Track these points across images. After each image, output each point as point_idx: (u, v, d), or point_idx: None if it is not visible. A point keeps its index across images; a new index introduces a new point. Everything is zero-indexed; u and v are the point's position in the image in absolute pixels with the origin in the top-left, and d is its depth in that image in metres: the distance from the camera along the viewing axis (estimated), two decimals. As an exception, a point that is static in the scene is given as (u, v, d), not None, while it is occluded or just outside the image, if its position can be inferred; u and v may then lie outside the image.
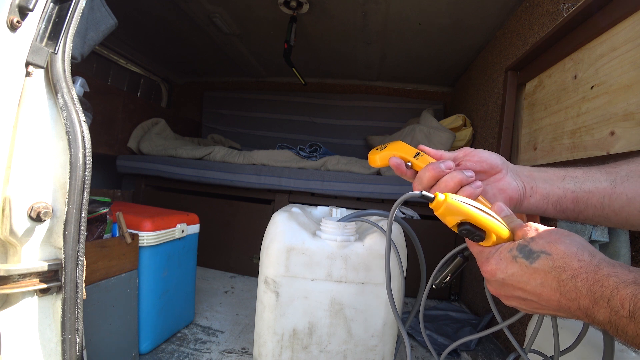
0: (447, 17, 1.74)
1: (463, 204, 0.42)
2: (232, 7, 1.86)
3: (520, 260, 0.38)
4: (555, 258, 0.36)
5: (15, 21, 0.50)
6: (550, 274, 0.36)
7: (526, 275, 0.38)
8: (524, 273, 0.38)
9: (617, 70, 0.91)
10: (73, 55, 0.61)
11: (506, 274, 0.39)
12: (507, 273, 0.39)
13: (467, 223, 0.42)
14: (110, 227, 0.98)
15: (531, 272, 0.37)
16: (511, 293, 0.40)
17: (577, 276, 0.35)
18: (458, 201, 0.42)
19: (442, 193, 0.43)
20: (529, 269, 0.38)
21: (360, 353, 0.80)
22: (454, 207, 0.42)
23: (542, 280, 0.37)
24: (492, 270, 0.41)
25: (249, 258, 2.07)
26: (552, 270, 0.36)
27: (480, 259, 0.43)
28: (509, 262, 0.39)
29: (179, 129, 2.85)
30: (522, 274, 0.38)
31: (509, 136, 1.49)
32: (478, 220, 0.41)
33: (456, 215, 0.42)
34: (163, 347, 1.19)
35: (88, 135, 0.58)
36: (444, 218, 0.43)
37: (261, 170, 2.00)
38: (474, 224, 0.42)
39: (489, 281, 0.42)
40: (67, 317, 0.57)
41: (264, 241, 0.83)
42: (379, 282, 0.78)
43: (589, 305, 0.34)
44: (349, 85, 3.00)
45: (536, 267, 0.37)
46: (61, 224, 0.57)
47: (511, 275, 0.39)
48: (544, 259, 0.37)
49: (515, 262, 0.39)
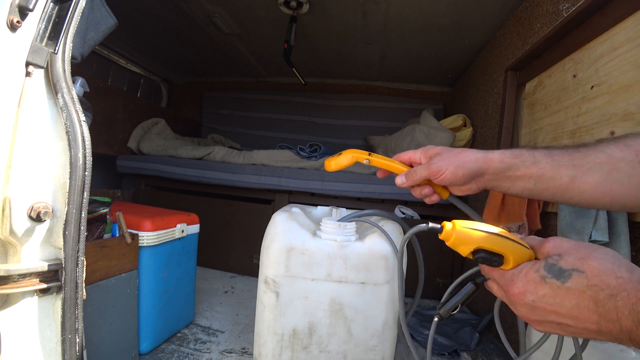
0: (447, 17, 1.74)
1: (474, 230, 0.40)
2: (232, 7, 1.86)
3: (550, 281, 0.35)
4: (589, 276, 0.33)
5: (15, 21, 0.50)
6: (586, 293, 0.33)
7: (559, 297, 0.34)
8: (556, 294, 0.35)
9: (617, 70, 0.91)
10: (73, 55, 0.61)
11: (536, 296, 0.36)
12: (537, 295, 0.36)
13: (482, 250, 0.39)
14: (110, 227, 0.98)
15: (564, 292, 0.34)
16: (544, 317, 0.36)
17: (616, 295, 0.31)
18: (468, 228, 0.40)
19: (450, 222, 0.41)
20: (561, 290, 0.34)
21: (360, 353, 0.80)
22: (465, 235, 0.40)
23: (577, 301, 0.33)
24: (520, 293, 0.37)
25: (249, 258, 2.07)
26: (587, 290, 0.33)
27: (503, 283, 0.40)
28: (538, 284, 0.36)
29: (179, 129, 2.85)
30: (555, 295, 0.35)
31: (509, 136, 1.49)
32: (493, 246, 0.39)
33: (469, 244, 0.40)
34: (163, 347, 1.19)
35: (88, 135, 0.58)
36: (456, 248, 0.41)
37: (261, 170, 2.00)
38: (489, 249, 0.39)
39: (517, 305, 0.38)
40: (67, 317, 0.57)
41: (264, 241, 0.83)
42: (379, 282, 0.78)
43: (633, 326, 0.30)
44: (349, 85, 3.00)
45: (569, 287, 0.34)
46: (61, 224, 0.57)
47: (542, 297, 0.35)
48: (577, 278, 0.34)
49: (544, 283, 0.35)
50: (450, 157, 0.55)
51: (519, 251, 0.39)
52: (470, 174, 0.54)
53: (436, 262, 1.81)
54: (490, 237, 0.39)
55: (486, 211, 1.31)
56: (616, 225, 0.80)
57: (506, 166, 0.52)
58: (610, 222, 0.81)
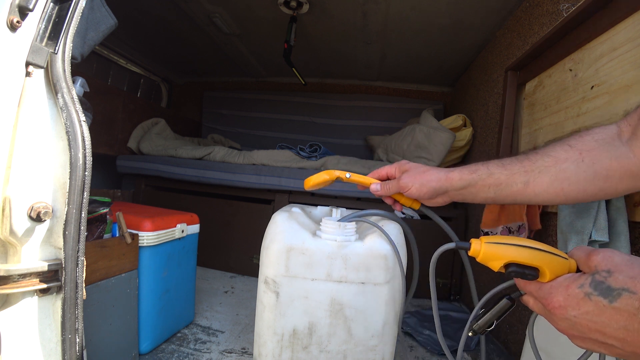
0: (447, 17, 1.74)
1: (503, 245, 0.39)
2: (232, 7, 1.86)
3: (596, 299, 0.33)
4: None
5: (15, 21, 0.50)
6: (637, 316, 0.31)
7: (605, 316, 0.33)
8: (601, 313, 0.33)
9: (617, 70, 0.91)
10: (73, 55, 0.61)
11: (579, 312, 0.34)
12: (579, 311, 0.34)
13: (514, 264, 0.38)
14: (110, 227, 0.98)
15: (611, 312, 0.32)
16: (586, 335, 0.35)
17: None
18: (495, 244, 0.39)
19: (478, 239, 0.41)
20: (608, 309, 0.32)
21: (360, 353, 0.80)
22: (494, 250, 0.39)
23: (625, 323, 0.32)
24: (560, 307, 0.36)
25: (249, 258, 2.07)
26: (638, 313, 0.31)
27: (541, 296, 0.38)
28: (581, 300, 0.34)
29: (179, 129, 2.85)
30: (600, 314, 0.33)
31: (509, 136, 1.49)
32: (526, 259, 0.38)
33: (499, 259, 0.39)
34: (163, 347, 1.19)
35: (88, 135, 0.58)
36: (487, 263, 0.40)
37: (261, 170, 2.00)
38: (522, 263, 0.38)
39: (556, 319, 0.37)
40: (67, 317, 0.57)
41: (264, 241, 0.83)
42: (379, 282, 0.78)
43: None
44: (349, 85, 3.00)
45: (617, 307, 0.32)
46: (61, 224, 0.57)
47: (584, 313, 0.34)
48: (627, 298, 0.32)
49: (589, 300, 0.34)
50: (415, 175, 0.63)
51: (556, 263, 0.37)
52: (433, 191, 0.62)
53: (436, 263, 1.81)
54: (522, 250, 0.38)
55: (486, 211, 1.31)
56: (616, 225, 0.80)
57: (466, 183, 0.59)
58: (610, 222, 0.81)
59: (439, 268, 1.88)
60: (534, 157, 0.54)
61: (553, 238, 1.09)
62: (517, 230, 1.16)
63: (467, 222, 1.94)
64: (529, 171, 0.54)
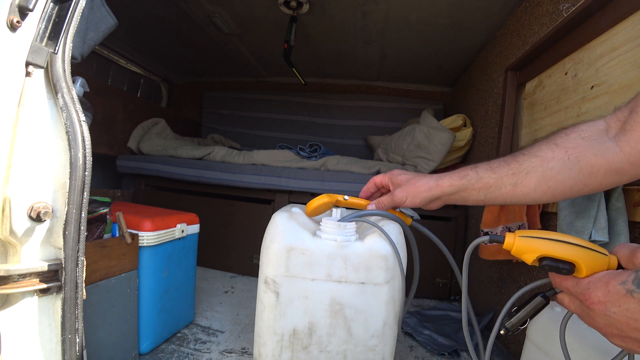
0: (447, 17, 1.74)
1: (536, 239, 0.38)
2: (232, 7, 1.86)
3: (638, 296, 0.32)
4: None
5: (15, 21, 0.50)
6: None
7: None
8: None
9: (617, 70, 0.91)
10: (73, 55, 0.61)
11: (619, 309, 0.33)
12: (620, 307, 0.33)
13: (548, 258, 0.38)
14: (110, 227, 0.98)
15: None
16: (625, 333, 0.34)
17: None
18: (529, 237, 0.39)
19: (512, 233, 0.41)
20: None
21: (360, 353, 0.80)
22: (527, 243, 0.39)
23: None
24: (600, 303, 0.35)
25: (249, 258, 2.07)
26: None
27: (578, 291, 0.37)
28: (623, 297, 0.33)
29: (179, 129, 2.85)
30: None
31: (509, 136, 1.49)
32: (561, 253, 0.37)
33: (533, 252, 0.39)
34: (163, 347, 1.19)
35: (88, 135, 0.58)
36: (520, 256, 0.40)
37: (261, 170, 2.00)
38: (557, 257, 0.37)
39: (595, 316, 0.36)
40: (67, 317, 0.57)
41: (264, 241, 0.83)
42: (379, 282, 0.78)
43: None
44: (349, 85, 3.00)
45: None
46: (61, 224, 0.57)
47: (626, 310, 0.33)
48: None
49: (631, 297, 0.33)
50: (407, 188, 0.67)
51: (593, 259, 0.36)
52: (426, 200, 0.66)
53: (436, 262, 1.81)
54: (557, 244, 0.38)
55: (486, 211, 1.31)
56: (616, 225, 0.80)
57: (456, 189, 0.62)
58: (610, 222, 0.81)
59: (439, 268, 1.88)
60: (521, 158, 0.56)
61: (553, 238, 1.08)
62: (517, 230, 1.16)
63: (467, 222, 1.94)
64: (516, 173, 0.56)
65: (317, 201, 0.82)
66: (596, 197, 0.81)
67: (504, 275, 1.43)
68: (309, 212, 0.85)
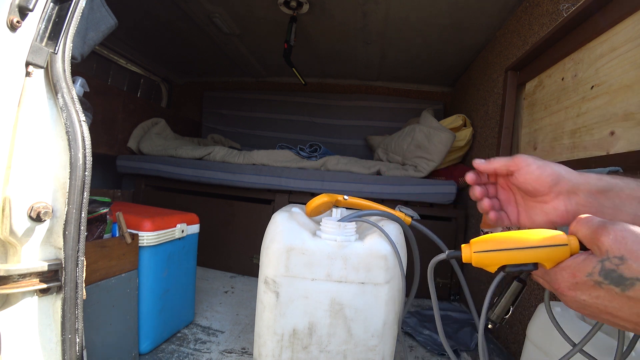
0: (447, 17, 1.74)
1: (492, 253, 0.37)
2: (232, 7, 1.86)
3: (607, 287, 0.32)
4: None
5: (15, 21, 0.50)
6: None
7: (617, 302, 0.32)
8: (613, 299, 0.32)
9: (617, 70, 0.91)
10: (73, 55, 0.61)
11: (589, 297, 0.33)
12: (590, 296, 0.33)
13: (509, 265, 0.37)
14: (110, 227, 0.98)
15: (624, 300, 0.31)
16: (598, 315, 0.34)
17: None
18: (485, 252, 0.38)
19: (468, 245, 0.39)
20: (620, 297, 0.32)
21: (360, 353, 0.80)
22: (484, 258, 0.38)
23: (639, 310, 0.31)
24: (570, 291, 0.35)
25: (249, 258, 2.07)
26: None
27: (548, 280, 0.37)
28: (591, 287, 0.33)
29: (179, 129, 2.85)
30: (612, 300, 0.32)
31: (509, 136, 1.49)
32: (519, 260, 0.37)
33: (492, 265, 0.38)
34: (163, 347, 1.19)
35: (88, 135, 0.58)
36: (483, 268, 0.39)
37: (261, 170, 2.00)
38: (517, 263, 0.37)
39: (567, 302, 0.36)
40: (67, 317, 0.57)
41: (264, 241, 0.83)
42: (379, 282, 0.78)
43: None
44: (349, 85, 3.00)
45: (631, 296, 0.31)
46: (61, 224, 0.57)
47: (596, 298, 0.33)
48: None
49: (600, 288, 0.32)
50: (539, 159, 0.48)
51: (554, 253, 0.36)
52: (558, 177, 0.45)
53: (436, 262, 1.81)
54: (513, 253, 0.37)
55: (486, 211, 1.31)
56: (616, 225, 0.80)
57: (607, 184, 0.43)
58: (610, 222, 0.81)
59: (439, 268, 1.88)
60: None
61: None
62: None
63: (467, 222, 1.94)
64: None
65: (317, 201, 0.82)
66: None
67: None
68: (309, 212, 0.85)
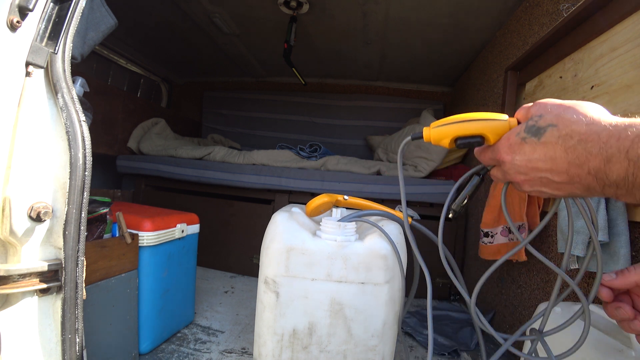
0: (447, 17, 1.74)
1: (445, 126, 0.45)
2: (232, 7, 1.86)
3: (529, 140, 0.37)
4: (561, 127, 0.35)
5: (15, 21, 0.50)
6: (558, 144, 0.35)
7: (537, 153, 0.37)
8: (534, 150, 0.37)
9: (617, 70, 0.91)
10: (73, 55, 0.61)
11: (520, 156, 0.38)
12: (520, 154, 0.38)
13: (460, 137, 0.44)
14: (110, 227, 0.98)
15: (541, 148, 0.37)
16: (529, 175, 0.39)
17: (586, 139, 0.33)
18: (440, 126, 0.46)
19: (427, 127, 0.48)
20: (538, 146, 0.37)
21: (360, 353, 0.80)
22: (439, 132, 0.45)
23: (552, 153, 0.36)
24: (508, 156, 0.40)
25: (249, 258, 2.07)
26: (559, 140, 0.35)
27: (494, 156, 0.43)
28: (519, 145, 0.38)
29: (179, 129, 2.85)
30: (533, 152, 0.37)
31: (509, 136, 1.49)
32: (467, 131, 0.43)
33: (446, 137, 0.45)
34: (163, 347, 1.19)
35: (88, 135, 0.58)
36: (439, 143, 0.47)
37: (261, 170, 2.00)
38: (466, 135, 0.44)
39: (509, 171, 0.41)
40: (67, 317, 0.57)
41: (264, 241, 0.83)
42: (379, 282, 0.78)
43: (600, 165, 0.32)
44: (349, 85, 3.00)
45: (544, 142, 0.36)
46: (61, 224, 0.57)
47: (523, 154, 0.38)
48: (550, 131, 0.36)
49: (525, 144, 0.38)
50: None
51: (495, 126, 0.42)
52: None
53: (436, 262, 1.81)
54: (462, 125, 0.44)
55: (486, 211, 1.31)
56: (616, 226, 0.80)
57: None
58: (610, 222, 0.81)
59: (439, 268, 1.87)
60: None
61: (553, 238, 1.09)
62: (517, 230, 1.16)
63: (467, 222, 1.94)
64: None
65: (317, 201, 0.82)
66: (596, 197, 0.81)
67: (504, 275, 1.43)
68: (309, 212, 0.85)
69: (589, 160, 0.33)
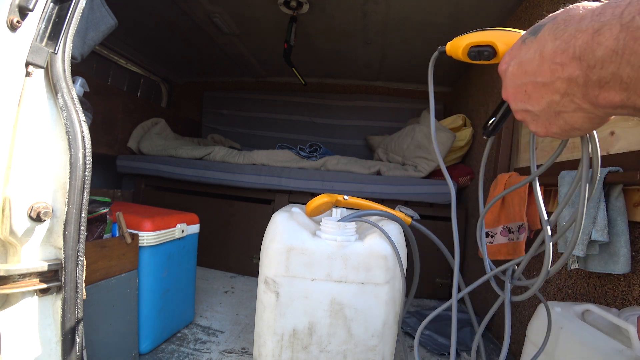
0: (447, 17, 1.74)
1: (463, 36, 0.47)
2: (232, 7, 1.86)
3: (528, 40, 0.33)
4: (559, 17, 0.30)
5: (15, 21, 0.50)
6: (550, 34, 0.30)
7: (530, 51, 0.32)
8: (528, 50, 0.33)
9: (617, 70, 0.91)
10: (73, 55, 0.61)
11: (515, 60, 0.34)
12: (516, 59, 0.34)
13: (472, 46, 0.46)
14: (110, 227, 0.98)
15: (535, 44, 0.32)
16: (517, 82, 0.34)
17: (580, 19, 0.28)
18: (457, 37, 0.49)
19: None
20: (533, 42, 0.32)
21: (360, 353, 0.80)
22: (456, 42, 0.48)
23: (542, 46, 0.31)
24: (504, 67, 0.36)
25: (249, 258, 2.07)
26: (551, 30, 0.30)
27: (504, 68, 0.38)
28: (518, 49, 0.34)
29: (179, 129, 2.85)
30: (527, 51, 0.33)
31: (509, 136, 1.49)
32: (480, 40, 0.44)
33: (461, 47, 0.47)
34: (163, 347, 1.19)
35: (88, 135, 0.58)
36: (456, 56, 0.50)
37: (261, 170, 2.00)
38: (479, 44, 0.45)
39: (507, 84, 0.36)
40: (67, 317, 0.58)
41: (264, 241, 0.83)
42: (379, 282, 0.78)
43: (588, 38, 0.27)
44: (349, 85, 3.00)
45: (539, 37, 0.31)
46: (61, 224, 0.57)
47: (517, 57, 0.34)
48: (548, 25, 0.31)
49: (524, 45, 0.33)
50: None
51: (507, 36, 0.42)
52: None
53: (436, 262, 1.81)
54: (475, 34, 0.45)
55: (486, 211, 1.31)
56: (616, 226, 0.80)
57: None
58: (610, 222, 0.81)
59: (439, 268, 1.88)
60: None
61: (553, 238, 1.08)
62: (517, 230, 1.16)
63: (467, 222, 1.94)
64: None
65: (317, 201, 0.82)
66: (596, 197, 0.81)
67: (504, 275, 1.43)
68: (309, 212, 0.85)
69: (576, 38, 0.28)
